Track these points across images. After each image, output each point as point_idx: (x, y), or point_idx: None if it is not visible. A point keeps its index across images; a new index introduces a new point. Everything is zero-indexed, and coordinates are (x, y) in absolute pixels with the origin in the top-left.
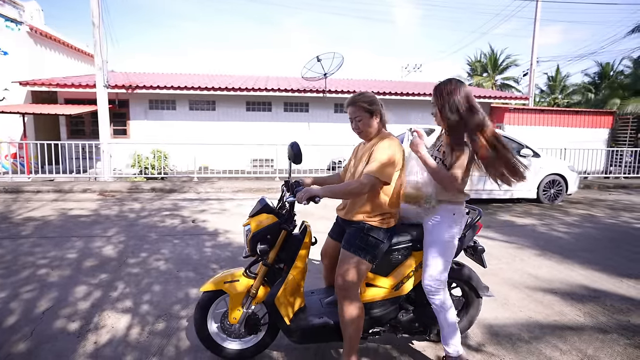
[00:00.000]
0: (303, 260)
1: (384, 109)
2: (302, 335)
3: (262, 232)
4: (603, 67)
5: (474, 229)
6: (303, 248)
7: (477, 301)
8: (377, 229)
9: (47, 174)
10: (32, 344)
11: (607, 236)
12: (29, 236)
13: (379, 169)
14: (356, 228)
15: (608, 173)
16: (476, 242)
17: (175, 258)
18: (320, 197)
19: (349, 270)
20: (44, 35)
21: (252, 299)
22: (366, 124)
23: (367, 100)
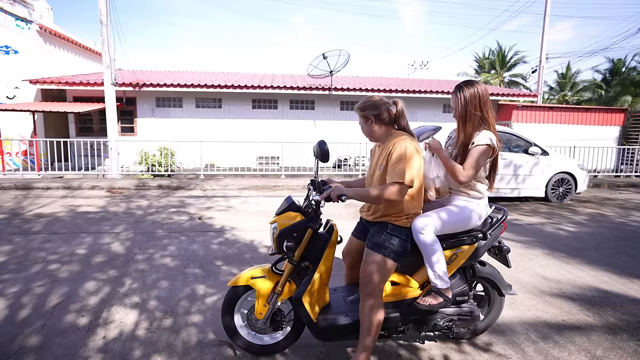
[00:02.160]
0: (329, 259)
1: (393, 108)
2: (328, 332)
3: (289, 230)
4: (615, 64)
5: (499, 228)
6: (330, 247)
7: (500, 299)
8: (400, 227)
9: (57, 170)
10: (43, 338)
11: (617, 236)
12: (39, 232)
13: (400, 174)
14: (380, 227)
15: (619, 171)
16: (501, 242)
17: (182, 254)
18: (347, 197)
19: (374, 269)
20: (53, 33)
21: (278, 295)
22: (364, 129)
23: (360, 106)
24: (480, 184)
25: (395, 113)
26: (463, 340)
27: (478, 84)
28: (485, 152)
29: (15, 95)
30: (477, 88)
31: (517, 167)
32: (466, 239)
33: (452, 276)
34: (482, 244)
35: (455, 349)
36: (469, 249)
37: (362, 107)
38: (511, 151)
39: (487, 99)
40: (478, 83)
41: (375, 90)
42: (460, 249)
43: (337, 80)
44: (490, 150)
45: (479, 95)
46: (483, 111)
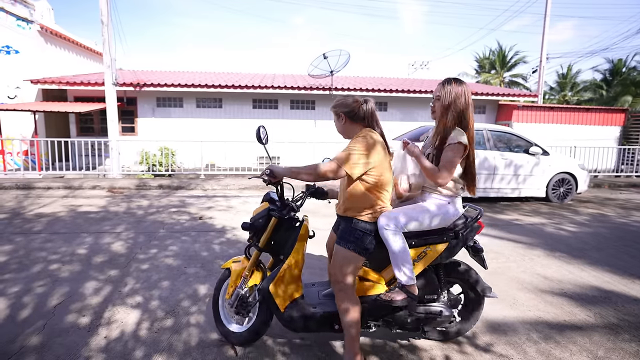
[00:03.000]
0: (298, 252)
1: (364, 106)
2: (296, 322)
3: (256, 217)
4: (615, 64)
5: (475, 228)
6: (299, 240)
7: (477, 302)
8: (365, 222)
9: (58, 170)
10: (44, 338)
11: (618, 236)
12: (40, 232)
13: (343, 158)
14: (347, 222)
15: (619, 172)
16: (476, 242)
17: (183, 254)
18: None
19: (342, 264)
20: (54, 34)
21: (245, 279)
22: (337, 126)
23: (334, 104)
24: (453, 182)
25: (365, 111)
26: (460, 340)
27: (467, 85)
28: (458, 151)
29: (16, 95)
30: (466, 87)
31: (518, 167)
32: (436, 237)
33: (422, 274)
34: (454, 243)
35: (456, 350)
36: (439, 247)
37: (335, 105)
38: (512, 151)
39: (471, 101)
40: (466, 84)
41: (376, 90)
42: (429, 247)
43: (338, 80)
44: (463, 149)
45: (466, 95)
46: (465, 111)
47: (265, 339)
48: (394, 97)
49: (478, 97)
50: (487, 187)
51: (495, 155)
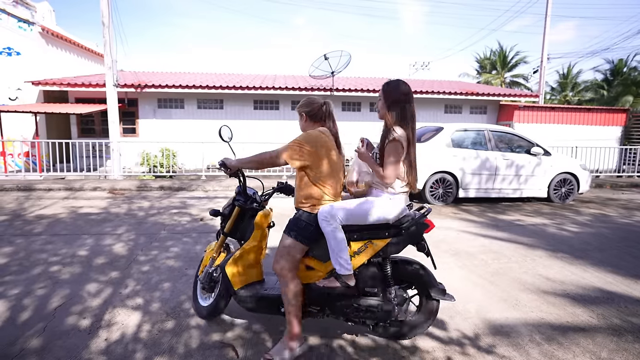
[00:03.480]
0: (255, 239)
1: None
2: (246, 302)
3: (225, 206)
4: (616, 64)
5: (421, 226)
6: (255, 228)
7: (430, 304)
8: (308, 213)
9: (59, 172)
10: (44, 340)
11: (620, 236)
12: (41, 233)
13: (284, 148)
14: (295, 213)
15: (621, 172)
16: (423, 241)
17: (184, 255)
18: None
19: (283, 250)
20: (55, 35)
21: (214, 260)
22: (300, 124)
23: (299, 104)
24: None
25: (323, 112)
26: (463, 341)
27: (405, 85)
28: (395, 148)
29: (17, 96)
30: (404, 88)
31: (520, 168)
32: (378, 232)
33: (364, 268)
34: (396, 239)
35: (459, 351)
36: (380, 242)
37: (299, 105)
38: (513, 152)
39: (409, 99)
40: (405, 83)
41: (377, 91)
42: (371, 242)
43: (339, 81)
44: (400, 145)
45: (403, 94)
46: (403, 110)
47: (266, 340)
48: None
49: (479, 97)
50: (488, 188)
51: (496, 155)
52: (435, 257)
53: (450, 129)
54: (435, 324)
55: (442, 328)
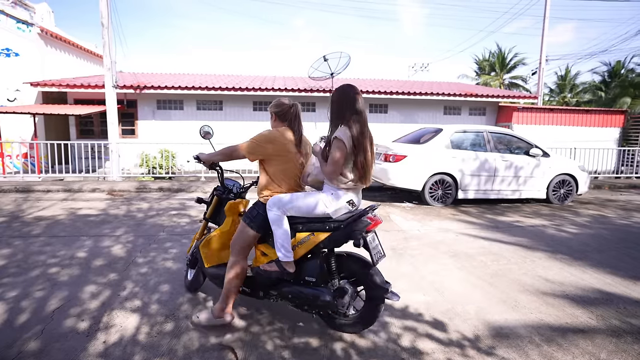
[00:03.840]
0: (226, 224)
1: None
2: (213, 278)
3: (208, 195)
4: (614, 67)
5: (362, 223)
6: (227, 215)
7: (377, 300)
8: (262, 204)
9: (57, 173)
10: (42, 343)
11: (619, 237)
12: (39, 235)
13: (244, 143)
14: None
15: (619, 173)
16: (365, 237)
17: (183, 257)
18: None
19: (238, 234)
20: (54, 36)
21: (197, 241)
22: (270, 123)
23: (270, 104)
24: (340, 176)
25: (290, 113)
26: (463, 343)
27: (350, 89)
28: (338, 146)
29: (16, 97)
30: (349, 92)
31: (518, 169)
32: (321, 225)
33: (308, 258)
34: (336, 234)
35: (459, 353)
36: (321, 235)
37: (270, 105)
38: (512, 153)
39: (352, 102)
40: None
41: (376, 92)
42: (313, 234)
43: (338, 83)
44: (342, 144)
45: (346, 98)
46: (346, 111)
47: (265, 341)
48: (394, 99)
49: (478, 99)
50: (487, 189)
51: (495, 157)
52: (434, 258)
53: (450, 131)
54: (435, 325)
55: (442, 330)
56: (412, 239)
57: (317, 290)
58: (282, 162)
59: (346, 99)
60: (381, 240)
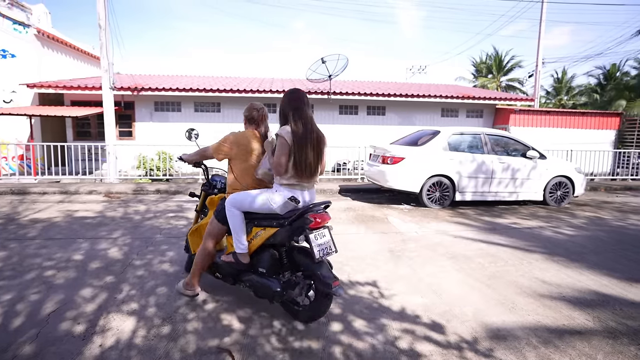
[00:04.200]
0: (208, 216)
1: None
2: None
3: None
4: (609, 70)
5: (305, 221)
6: (210, 208)
7: (324, 295)
8: (226, 199)
9: (53, 175)
10: (37, 347)
11: (615, 239)
12: (35, 238)
13: (212, 145)
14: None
15: (615, 175)
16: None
17: (181, 260)
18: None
19: (208, 226)
20: (51, 37)
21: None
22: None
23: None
24: (280, 175)
25: (256, 117)
26: (461, 345)
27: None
28: (279, 144)
29: (12, 99)
30: (290, 97)
31: (516, 171)
32: (270, 221)
33: (262, 251)
34: (283, 230)
35: (457, 355)
36: (270, 230)
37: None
38: (509, 155)
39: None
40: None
41: (374, 95)
42: (265, 229)
43: (336, 85)
44: (282, 141)
45: (287, 102)
46: (288, 114)
47: (263, 344)
48: (392, 102)
49: (475, 101)
50: (485, 191)
51: (493, 159)
52: (432, 260)
53: (447, 133)
54: (433, 327)
55: (440, 332)
56: (409, 241)
57: (269, 280)
58: (245, 162)
59: (288, 101)
60: (379, 242)
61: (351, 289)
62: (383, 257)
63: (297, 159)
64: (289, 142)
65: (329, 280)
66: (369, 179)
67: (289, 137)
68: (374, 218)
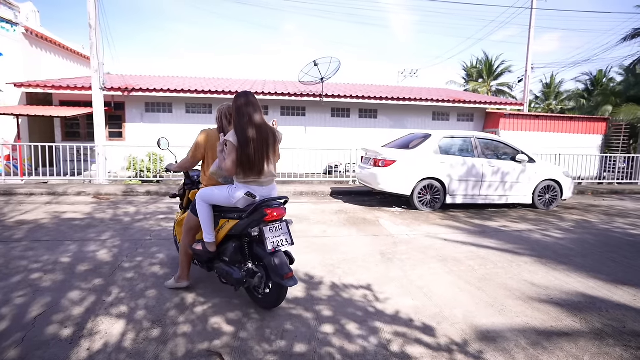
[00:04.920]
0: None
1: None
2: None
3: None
4: (595, 76)
5: (259, 214)
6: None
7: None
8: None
9: (41, 176)
10: (23, 351)
11: (602, 242)
12: (21, 240)
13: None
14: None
15: (602, 179)
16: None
17: (170, 262)
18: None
19: (186, 218)
20: (39, 36)
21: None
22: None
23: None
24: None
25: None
26: (451, 348)
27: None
28: (229, 146)
29: None
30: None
31: (505, 175)
32: (232, 215)
33: (228, 242)
34: (241, 222)
35: (447, 358)
36: (231, 222)
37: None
38: (499, 159)
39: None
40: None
41: (366, 98)
42: (228, 221)
43: (328, 87)
44: (231, 144)
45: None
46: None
47: (254, 346)
48: (384, 105)
49: (466, 105)
50: (475, 194)
51: (483, 162)
52: (423, 263)
53: (438, 136)
54: (423, 330)
55: (430, 334)
56: (401, 244)
57: (231, 269)
58: (211, 158)
59: (233, 105)
60: (371, 244)
61: (343, 291)
62: (374, 259)
63: (244, 159)
64: (235, 144)
65: (281, 271)
66: (361, 181)
67: (236, 141)
68: (366, 221)
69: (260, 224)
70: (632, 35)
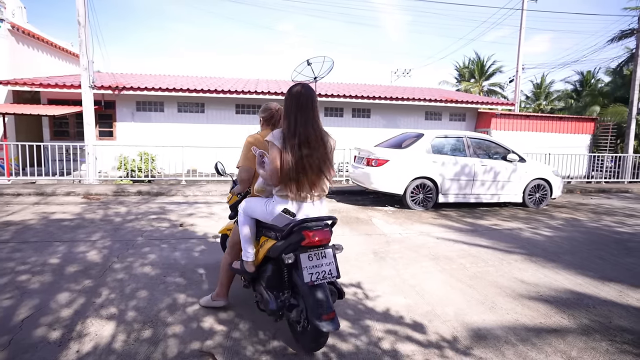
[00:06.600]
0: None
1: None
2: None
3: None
4: (584, 76)
5: (298, 237)
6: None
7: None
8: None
9: (29, 176)
10: (9, 354)
11: (590, 240)
12: (8, 241)
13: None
14: None
15: (590, 178)
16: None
17: (162, 263)
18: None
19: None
20: (26, 33)
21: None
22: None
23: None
24: (269, 185)
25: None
26: (441, 344)
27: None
28: (270, 149)
29: None
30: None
31: (497, 174)
32: (271, 233)
33: (265, 263)
34: (278, 243)
35: (437, 354)
36: (270, 242)
37: (259, 111)
38: (491, 158)
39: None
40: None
41: (359, 97)
42: (267, 240)
43: (322, 87)
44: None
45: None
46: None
47: (245, 346)
48: (377, 104)
49: (458, 105)
50: (467, 193)
51: (474, 162)
52: (415, 261)
53: (431, 136)
54: (415, 327)
55: (422, 332)
56: (393, 243)
57: (268, 296)
58: (249, 164)
59: (289, 98)
60: (364, 243)
61: None
62: (367, 258)
63: (288, 168)
64: (279, 147)
65: (319, 310)
66: (354, 180)
67: (279, 141)
68: (359, 220)
69: (297, 249)
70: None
